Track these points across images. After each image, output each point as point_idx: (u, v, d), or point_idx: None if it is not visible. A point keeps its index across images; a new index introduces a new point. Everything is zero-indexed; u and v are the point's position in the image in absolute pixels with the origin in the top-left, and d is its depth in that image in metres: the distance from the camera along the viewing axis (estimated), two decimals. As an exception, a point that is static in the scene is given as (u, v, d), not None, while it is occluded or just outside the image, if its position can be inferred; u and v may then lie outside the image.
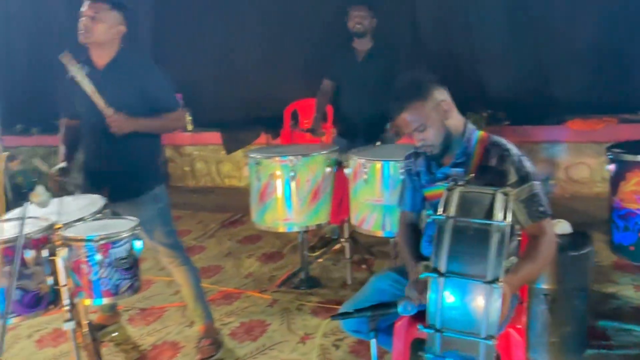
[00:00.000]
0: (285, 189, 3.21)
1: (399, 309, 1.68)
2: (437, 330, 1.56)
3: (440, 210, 1.63)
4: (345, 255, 3.59)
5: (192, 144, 6.00)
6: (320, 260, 3.84)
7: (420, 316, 2.06)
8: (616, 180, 3.09)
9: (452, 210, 1.61)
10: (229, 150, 5.85)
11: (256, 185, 3.29)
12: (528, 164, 1.93)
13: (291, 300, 3.37)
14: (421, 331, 1.60)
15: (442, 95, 1.98)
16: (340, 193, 3.31)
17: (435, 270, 1.55)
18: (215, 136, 5.80)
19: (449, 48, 4.98)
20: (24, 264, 1.82)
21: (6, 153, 1.70)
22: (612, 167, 3.08)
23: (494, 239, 1.53)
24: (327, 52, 4.86)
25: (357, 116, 3.78)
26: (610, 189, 3.18)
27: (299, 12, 5.37)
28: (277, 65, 5.58)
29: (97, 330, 2.35)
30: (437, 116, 1.95)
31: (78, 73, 2.45)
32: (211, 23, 5.74)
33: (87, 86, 2.46)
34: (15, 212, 2.25)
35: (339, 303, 3.25)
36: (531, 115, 4.72)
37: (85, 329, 2.17)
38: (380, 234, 3.11)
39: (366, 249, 3.76)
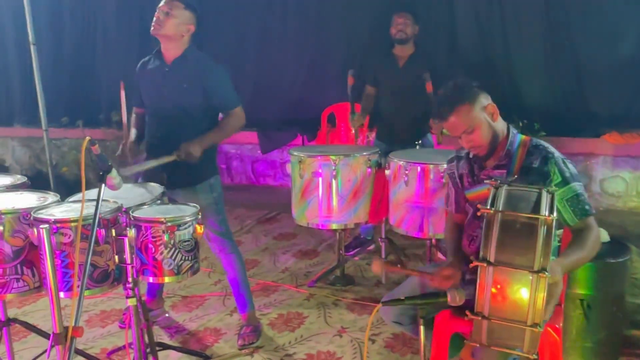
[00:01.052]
0: (327, 187, 3.32)
1: (448, 298, 1.77)
2: (485, 318, 1.65)
3: (487, 205, 1.72)
4: (381, 255, 3.69)
5: (229, 143, 6.15)
6: (356, 258, 3.94)
7: (460, 311, 2.17)
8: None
9: (500, 205, 1.71)
10: (265, 150, 5.99)
11: (298, 183, 3.40)
12: (571, 166, 2.01)
13: (327, 296, 3.48)
14: (467, 318, 1.69)
15: (487, 99, 2.08)
16: (379, 194, 3.41)
17: (484, 259, 1.64)
18: (252, 136, 5.94)
19: (487, 57, 5.04)
20: (96, 241, 1.95)
21: (88, 137, 1.82)
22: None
23: (541, 231, 1.62)
24: (366, 57, 5.00)
25: (396, 120, 3.88)
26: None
27: (339, 16, 5.49)
28: (316, 67, 5.70)
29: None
30: (484, 118, 2.04)
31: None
32: (252, 24, 5.89)
33: (148, 165, 2.61)
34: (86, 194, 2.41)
35: (374, 300, 3.38)
36: (567, 127, 4.75)
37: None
38: (417, 235, 3.20)
39: (400, 250, 3.85)
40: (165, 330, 3.12)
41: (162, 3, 2.71)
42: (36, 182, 2.98)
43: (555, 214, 1.63)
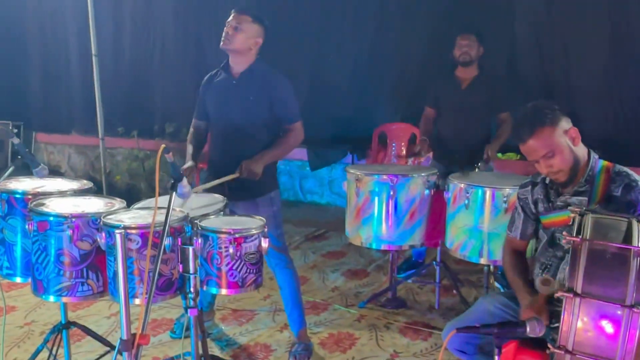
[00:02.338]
0: (384, 206, 3.27)
1: (527, 329, 1.68)
2: (568, 352, 1.56)
3: (574, 233, 1.64)
4: (435, 279, 3.59)
5: (280, 159, 6.18)
6: (409, 281, 3.85)
7: (529, 343, 2.07)
8: None
9: (588, 234, 1.62)
10: (314, 167, 5.97)
11: (354, 201, 3.36)
12: None
13: (378, 318, 3.40)
14: (549, 352, 1.61)
15: (568, 123, 2.00)
16: (436, 216, 3.34)
17: (570, 290, 1.56)
18: (301, 152, 5.93)
19: (547, 82, 4.92)
20: (163, 249, 1.95)
21: (163, 145, 1.83)
22: None
23: (634, 263, 1.53)
24: (422, 78, 4.95)
25: (456, 142, 3.80)
26: None
27: (395, 36, 5.47)
28: (369, 87, 5.68)
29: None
30: (565, 143, 1.96)
31: None
32: (306, 41, 5.92)
33: (210, 185, 2.63)
34: (149, 201, 2.44)
35: (427, 325, 3.30)
36: (629, 155, 4.56)
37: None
38: (476, 261, 3.11)
39: (454, 275, 3.74)
40: (216, 343, 3.10)
41: (230, 17, 2.75)
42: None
43: None
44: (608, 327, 1.53)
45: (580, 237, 1.61)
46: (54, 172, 7.10)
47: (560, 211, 2.07)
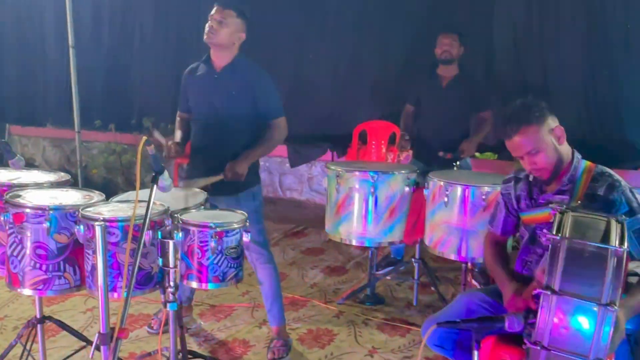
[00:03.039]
0: (364, 203, 3.28)
1: (506, 324, 1.70)
2: (544, 348, 1.58)
3: (553, 231, 1.66)
4: (413, 276, 3.62)
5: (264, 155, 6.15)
6: (388, 278, 3.87)
7: (507, 338, 2.10)
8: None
9: (567, 232, 1.65)
10: (294, 164, 5.96)
11: (334, 197, 3.37)
12: (638, 196, 1.95)
13: (357, 314, 3.42)
14: (525, 347, 1.63)
15: (555, 121, 2.03)
16: (416, 213, 3.36)
17: (548, 287, 1.58)
18: (281, 149, 5.92)
19: (524, 83, 4.98)
20: (143, 243, 1.93)
21: (145, 137, 1.81)
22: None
23: (611, 263, 1.56)
24: (403, 76, 4.98)
25: (435, 140, 3.83)
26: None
27: (376, 34, 5.49)
28: (350, 84, 5.69)
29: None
30: (550, 141, 1.99)
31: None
32: (287, 38, 5.91)
33: (197, 184, 2.61)
34: (128, 194, 2.41)
35: (405, 322, 3.32)
36: (605, 157, 4.63)
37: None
38: (454, 258, 3.14)
39: (432, 272, 3.77)
40: (194, 339, 3.08)
41: (214, 11, 2.72)
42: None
43: (626, 245, 1.57)
44: (583, 324, 1.56)
45: (559, 235, 1.63)
46: (28, 165, 6.97)
47: (541, 209, 2.10)
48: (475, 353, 1.71)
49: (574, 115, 4.86)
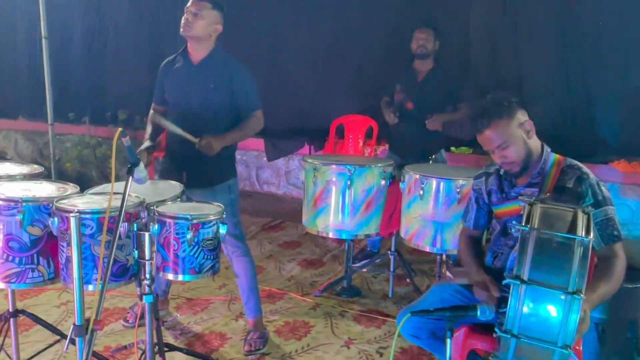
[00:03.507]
0: (341, 196, 3.30)
1: (478, 312, 1.74)
2: (514, 336, 1.63)
3: (522, 223, 1.71)
4: (389, 268, 3.66)
5: (239, 141, 6.12)
6: (364, 270, 3.91)
7: (479, 327, 2.15)
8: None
9: (536, 223, 1.69)
10: (271, 157, 5.96)
11: (311, 190, 3.38)
12: (604, 189, 2.00)
13: (333, 306, 3.45)
14: (496, 335, 1.67)
15: (525, 116, 2.07)
16: (392, 206, 3.39)
17: (517, 277, 1.62)
18: (258, 142, 5.92)
19: (498, 78, 5.06)
20: (119, 235, 1.92)
21: (120, 129, 1.80)
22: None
23: (577, 252, 1.61)
24: (380, 70, 5.01)
25: (411, 134, 3.87)
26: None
27: (353, 29, 5.50)
28: (327, 78, 5.70)
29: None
30: (520, 135, 2.03)
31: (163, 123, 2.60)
32: (264, 33, 5.89)
33: (174, 128, 2.60)
34: (104, 187, 2.39)
35: (381, 313, 3.36)
36: (576, 152, 4.73)
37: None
38: (430, 250, 3.18)
39: (408, 264, 3.82)
40: (171, 332, 3.07)
41: (189, 3, 2.70)
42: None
43: (592, 235, 1.62)
44: (551, 312, 1.60)
45: (528, 226, 1.68)
46: (0, 158, 6.84)
47: (512, 201, 2.14)
48: (448, 341, 1.75)
49: (547, 111, 4.95)
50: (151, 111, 2.93)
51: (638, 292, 2.59)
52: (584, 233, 1.65)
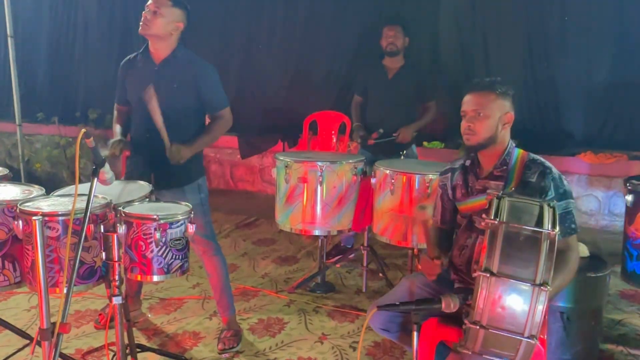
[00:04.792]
0: (312, 193, 3.31)
1: (442, 305, 1.77)
2: (483, 327, 1.66)
3: (491, 216, 1.74)
4: (362, 263, 3.69)
5: (208, 146, 6.09)
6: (338, 266, 3.93)
7: (448, 320, 2.18)
8: (633, 211, 3.23)
9: (504, 217, 1.73)
10: (244, 155, 5.95)
11: (283, 187, 3.39)
12: (566, 183, 2.05)
13: (307, 302, 3.46)
14: (465, 327, 1.70)
15: (510, 109, 2.11)
16: (364, 202, 3.42)
17: (487, 270, 1.65)
18: (232, 140, 5.90)
19: (467, 72, 5.12)
20: (84, 237, 1.90)
21: (84, 130, 1.78)
22: (630, 197, 3.23)
23: (544, 245, 1.65)
24: (355, 67, 5.03)
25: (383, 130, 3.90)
26: (627, 219, 3.32)
27: (325, 26, 5.52)
28: (300, 75, 5.71)
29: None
30: (496, 117, 2.07)
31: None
32: (237, 30, 5.87)
33: (158, 118, 2.54)
34: (69, 188, 2.36)
35: (355, 308, 3.39)
36: (543, 144, 4.84)
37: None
38: (401, 244, 3.22)
39: (381, 259, 3.86)
40: (143, 332, 3.05)
41: (149, 1, 2.65)
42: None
43: (557, 228, 1.66)
44: (519, 304, 1.64)
45: (497, 219, 1.71)
46: (-34, 160, 6.68)
47: (477, 197, 2.18)
48: (415, 334, 1.77)
49: (515, 106, 5.02)
50: (115, 112, 2.88)
51: (602, 281, 2.66)
52: (550, 226, 1.69)
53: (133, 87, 2.74)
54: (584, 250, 2.79)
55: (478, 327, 1.66)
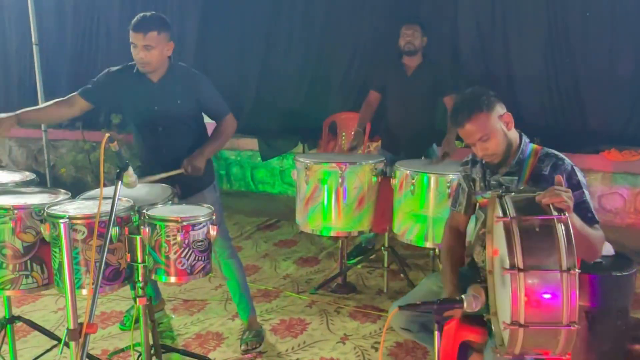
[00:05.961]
0: (333, 194, 3.32)
1: (464, 304, 1.77)
2: (522, 326, 1.63)
3: (500, 215, 1.72)
4: (383, 264, 3.69)
5: (229, 149, 6.15)
6: (359, 267, 3.94)
7: (470, 319, 2.17)
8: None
9: (512, 212, 1.71)
10: (265, 157, 5.98)
11: (303, 189, 3.40)
12: (580, 174, 2.04)
13: (329, 303, 3.47)
14: (503, 329, 1.68)
15: (503, 108, 2.10)
16: (384, 202, 3.42)
17: (513, 267, 1.63)
18: (252, 142, 5.94)
19: (488, 71, 5.07)
20: (110, 239, 1.94)
21: (107, 134, 1.82)
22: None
23: (560, 230, 1.63)
24: (372, 67, 5.03)
25: (402, 130, 3.89)
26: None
27: (344, 27, 5.52)
28: (319, 77, 5.72)
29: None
30: (499, 127, 2.06)
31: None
32: (255, 32, 5.91)
33: (160, 177, 2.55)
34: (95, 192, 2.41)
35: (376, 309, 3.39)
36: (566, 142, 4.77)
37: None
38: (422, 245, 3.21)
39: (402, 259, 3.85)
40: (167, 333, 3.09)
41: (135, 38, 2.59)
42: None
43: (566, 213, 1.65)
44: (552, 293, 1.61)
45: (508, 216, 1.70)
46: (-5, 166, 6.85)
47: (492, 192, 2.17)
48: (436, 334, 1.76)
49: (537, 103, 4.98)
50: (67, 97, 2.81)
51: (628, 280, 2.62)
52: (555, 212, 1.67)
53: (130, 102, 2.74)
54: (609, 249, 2.75)
55: (517, 327, 1.63)
